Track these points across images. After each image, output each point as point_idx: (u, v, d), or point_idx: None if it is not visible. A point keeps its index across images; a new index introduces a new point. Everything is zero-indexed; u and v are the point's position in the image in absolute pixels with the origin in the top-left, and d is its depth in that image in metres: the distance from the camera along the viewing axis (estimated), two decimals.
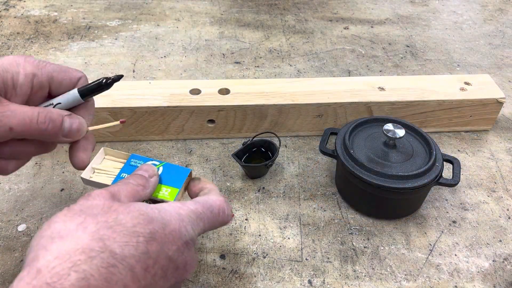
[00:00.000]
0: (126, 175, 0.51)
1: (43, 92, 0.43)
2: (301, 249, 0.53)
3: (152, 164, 0.47)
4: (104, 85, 0.43)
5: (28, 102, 0.42)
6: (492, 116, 0.69)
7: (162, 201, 0.43)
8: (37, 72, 0.42)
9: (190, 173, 0.46)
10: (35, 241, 0.32)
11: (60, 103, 0.43)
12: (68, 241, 0.31)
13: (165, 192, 0.44)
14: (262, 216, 0.57)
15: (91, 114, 0.45)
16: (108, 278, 0.30)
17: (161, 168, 0.46)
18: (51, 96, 0.44)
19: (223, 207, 0.41)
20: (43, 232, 0.33)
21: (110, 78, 0.43)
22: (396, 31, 0.97)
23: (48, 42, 0.89)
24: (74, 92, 0.43)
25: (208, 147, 0.67)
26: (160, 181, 0.45)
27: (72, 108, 0.44)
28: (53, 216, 0.34)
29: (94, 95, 0.44)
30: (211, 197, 0.41)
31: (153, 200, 0.44)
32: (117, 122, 0.45)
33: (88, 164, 0.45)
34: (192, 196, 0.44)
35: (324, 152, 0.58)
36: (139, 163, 0.47)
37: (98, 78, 0.43)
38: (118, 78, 0.43)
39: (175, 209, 0.37)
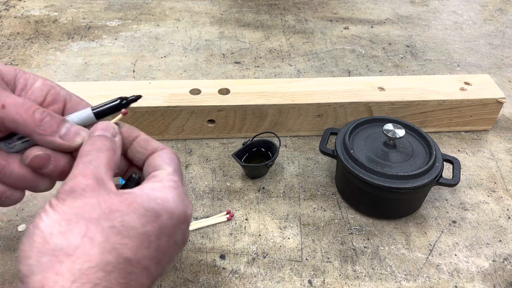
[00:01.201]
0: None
1: (57, 107, 0.39)
2: (301, 249, 0.53)
3: None
4: (120, 106, 0.39)
5: None
6: (492, 116, 0.69)
7: None
8: (56, 86, 0.40)
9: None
10: (31, 258, 0.29)
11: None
12: (79, 259, 0.29)
13: None
14: (262, 216, 0.57)
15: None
16: (127, 284, 0.30)
17: None
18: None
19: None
20: (38, 246, 0.30)
21: (127, 98, 0.40)
22: (396, 31, 0.97)
23: (48, 42, 0.89)
24: (87, 111, 0.39)
25: (208, 147, 0.67)
26: None
27: None
28: (39, 220, 0.31)
29: (109, 115, 0.40)
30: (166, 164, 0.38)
31: None
32: (117, 119, 0.41)
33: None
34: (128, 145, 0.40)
35: (324, 152, 0.58)
36: None
37: (115, 98, 0.40)
38: (137, 98, 0.40)
39: (175, 192, 0.35)
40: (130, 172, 0.40)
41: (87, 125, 0.39)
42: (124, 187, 0.37)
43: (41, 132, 0.36)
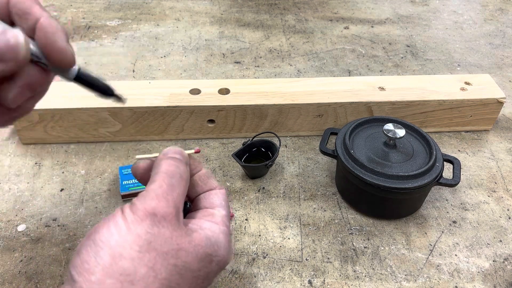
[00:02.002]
0: (127, 182, 0.53)
1: None
2: (301, 249, 0.53)
3: None
4: (105, 92, 0.38)
5: None
6: (493, 116, 0.69)
7: None
8: None
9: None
10: (95, 274, 0.29)
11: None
12: None
13: None
14: (262, 216, 0.57)
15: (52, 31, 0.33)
16: None
17: None
18: None
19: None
20: (106, 264, 0.29)
21: (114, 93, 0.39)
22: (396, 31, 0.97)
23: None
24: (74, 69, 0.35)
25: (208, 147, 0.67)
26: None
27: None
28: (108, 234, 0.30)
29: (89, 88, 0.37)
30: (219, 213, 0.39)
31: None
32: (192, 151, 0.41)
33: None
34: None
35: (324, 152, 0.58)
36: (130, 170, 0.48)
37: (106, 84, 0.38)
38: (120, 99, 0.39)
39: (227, 239, 0.36)
40: None
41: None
42: None
43: None
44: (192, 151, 0.40)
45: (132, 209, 0.32)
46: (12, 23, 0.33)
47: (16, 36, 0.31)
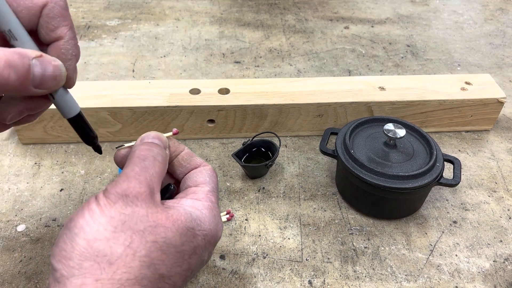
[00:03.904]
0: None
1: None
2: (301, 250, 0.53)
3: None
4: (90, 138, 0.39)
5: None
6: (493, 116, 0.69)
7: None
8: None
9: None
10: (73, 259, 0.29)
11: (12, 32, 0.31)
12: (119, 269, 0.30)
13: None
14: (262, 216, 0.57)
15: (73, 54, 0.34)
16: None
17: None
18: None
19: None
20: (81, 249, 0.30)
21: (97, 141, 0.39)
22: (396, 30, 0.97)
23: None
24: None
25: (208, 147, 0.66)
26: None
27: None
28: (83, 221, 0.30)
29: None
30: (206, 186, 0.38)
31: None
32: (170, 133, 0.41)
33: None
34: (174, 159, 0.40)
35: (324, 152, 0.58)
36: None
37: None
38: (98, 149, 0.40)
39: (212, 213, 0.36)
40: (166, 182, 0.40)
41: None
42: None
43: (12, 90, 0.30)
44: (170, 133, 0.40)
45: (105, 194, 0.32)
46: (33, 31, 0.33)
47: (59, 66, 0.32)
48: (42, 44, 0.34)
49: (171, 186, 0.38)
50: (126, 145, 0.39)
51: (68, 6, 0.34)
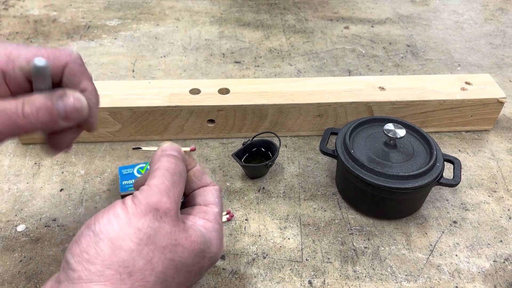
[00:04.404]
0: (127, 182, 0.55)
1: (27, 84, 0.37)
2: (301, 250, 0.53)
3: (140, 166, 0.57)
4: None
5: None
6: (493, 116, 0.69)
7: None
8: (7, 69, 0.35)
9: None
10: (95, 265, 0.30)
11: (35, 84, 0.36)
12: (137, 282, 0.31)
13: None
14: (262, 216, 0.57)
15: (88, 80, 0.39)
16: None
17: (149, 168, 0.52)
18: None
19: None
20: (105, 256, 0.30)
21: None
22: (396, 30, 0.97)
23: (47, 41, 0.89)
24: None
25: (208, 147, 0.66)
26: None
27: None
28: (109, 225, 0.31)
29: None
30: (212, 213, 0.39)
31: None
32: (188, 149, 0.42)
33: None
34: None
35: (324, 152, 0.58)
36: (130, 170, 0.55)
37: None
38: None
39: (219, 236, 0.37)
40: None
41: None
42: None
43: (45, 128, 0.35)
44: (188, 149, 0.41)
45: (135, 202, 0.33)
46: (58, 83, 0.38)
47: (80, 99, 0.36)
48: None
49: (182, 199, 0.39)
50: (144, 148, 0.41)
51: (83, 61, 0.39)
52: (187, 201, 0.40)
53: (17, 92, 0.37)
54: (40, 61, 0.35)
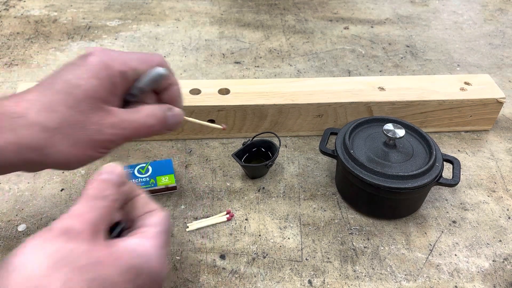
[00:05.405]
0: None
1: (124, 84, 0.42)
2: (301, 249, 0.53)
3: (140, 166, 0.60)
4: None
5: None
6: (492, 116, 0.69)
7: (166, 188, 0.58)
8: (126, 70, 0.41)
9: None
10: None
11: (140, 87, 0.42)
12: None
13: (164, 180, 0.58)
14: (262, 216, 0.57)
15: (181, 100, 0.47)
16: None
17: (150, 167, 0.60)
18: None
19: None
20: (18, 284, 0.29)
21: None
22: (396, 31, 0.97)
23: (48, 42, 0.89)
24: (149, 75, 0.42)
25: (208, 147, 0.67)
26: (158, 174, 0.59)
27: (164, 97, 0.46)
28: (23, 257, 0.30)
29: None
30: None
31: (155, 190, 0.58)
32: (220, 126, 0.51)
33: None
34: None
35: (324, 152, 0.58)
36: (130, 171, 0.58)
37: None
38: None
39: (158, 252, 0.35)
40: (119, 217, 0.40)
41: (158, 82, 0.44)
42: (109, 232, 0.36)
43: (154, 134, 0.44)
44: (220, 127, 0.49)
45: (48, 229, 0.32)
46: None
47: (181, 114, 0.45)
48: (157, 92, 0.46)
49: (121, 224, 0.38)
50: (195, 120, 0.51)
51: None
52: (129, 226, 0.38)
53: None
54: (161, 70, 0.42)
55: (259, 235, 0.54)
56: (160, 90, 0.46)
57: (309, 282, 0.50)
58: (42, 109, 0.38)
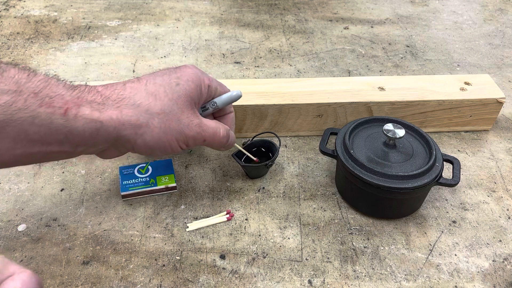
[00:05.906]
0: (127, 182, 0.56)
1: (206, 96, 0.50)
2: (301, 249, 0.53)
3: (140, 166, 0.60)
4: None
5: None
6: (492, 116, 0.69)
7: (166, 188, 0.58)
8: (210, 84, 0.50)
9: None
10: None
11: (216, 102, 0.52)
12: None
13: (164, 180, 0.59)
14: (262, 216, 0.57)
15: (233, 128, 0.56)
16: None
17: (150, 167, 0.60)
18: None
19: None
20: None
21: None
22: (396, 31, 0.97)
23: (48, 42, 0.89)
24: (229, 95, 0.52)
25: (208, 147, 0.67)
26: (158, 174, 0.59)
27: (222, 119, 0.55)
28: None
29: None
30: None
31: (155, 190, 0.58)
32: (225, 218, 0.56)
33: None
34: None
35: (324, 152, 0.58)
36: (130, 170, 0.60)
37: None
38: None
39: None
40: None
41: (226, 106, 0.53)
42: None
43: (217, 147, 0.51)
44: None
45: None
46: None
47: (234, 136, 0.53)
48: (218, 116, 0.55)
49: None
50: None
51: None
52: None
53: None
54: (240, 93, 0.52)
55: (259, 235, 0.54)
56: (221, 114, 0.54)
57: (309, 282, 0.50)
58: (147, 96, 0.44)
